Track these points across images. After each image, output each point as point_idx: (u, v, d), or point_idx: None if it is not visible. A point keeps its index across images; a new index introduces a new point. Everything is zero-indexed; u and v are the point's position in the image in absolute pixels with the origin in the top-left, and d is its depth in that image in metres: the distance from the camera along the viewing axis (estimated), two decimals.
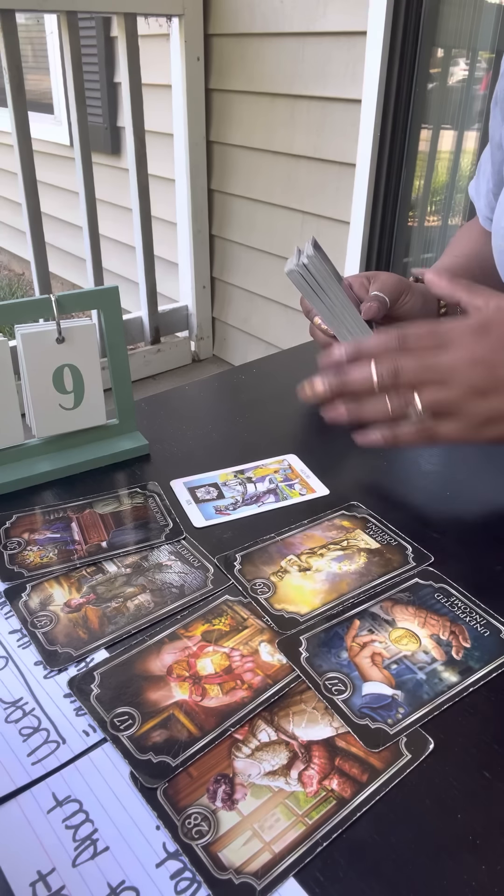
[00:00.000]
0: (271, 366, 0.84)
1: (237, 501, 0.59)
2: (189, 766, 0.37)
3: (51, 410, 0.61)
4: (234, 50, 2.28)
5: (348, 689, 0.41)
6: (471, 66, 1.88)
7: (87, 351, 0.60)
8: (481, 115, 1.89)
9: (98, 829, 0.34)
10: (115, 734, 0.39)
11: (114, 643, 0.45)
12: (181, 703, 0.41)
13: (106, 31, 2.80)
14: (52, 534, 0.54)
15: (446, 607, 0.47)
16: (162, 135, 2.52)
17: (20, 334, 0.57)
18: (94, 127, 2.52)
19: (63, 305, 0.58)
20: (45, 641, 0.45)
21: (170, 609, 0.47)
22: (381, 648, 0.44)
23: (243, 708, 0.40)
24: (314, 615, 0.47)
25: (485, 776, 0.37)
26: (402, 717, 0.40)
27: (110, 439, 0.65)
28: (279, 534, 0.55)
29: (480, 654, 0.44)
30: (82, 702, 0.41)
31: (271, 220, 2.37)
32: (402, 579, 0.50)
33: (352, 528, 0.55)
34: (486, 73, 1.85)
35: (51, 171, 3.28)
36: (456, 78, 1.91)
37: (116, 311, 0.61)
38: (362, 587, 0.49)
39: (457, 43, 1.87)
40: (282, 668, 0.43)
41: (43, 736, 0.39)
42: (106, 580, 0.50)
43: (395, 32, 1.81)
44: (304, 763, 0.37)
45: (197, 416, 0.72)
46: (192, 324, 2.74)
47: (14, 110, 2.03)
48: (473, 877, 0.32)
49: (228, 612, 0.47)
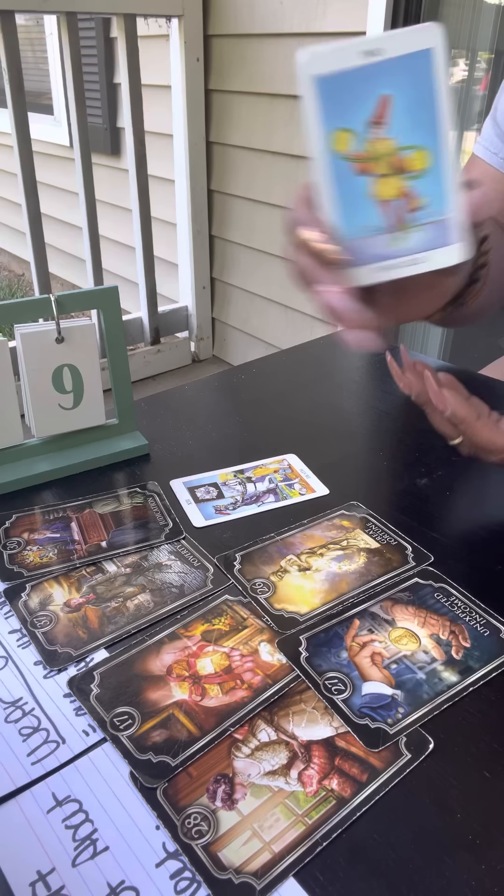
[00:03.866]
0: (271, 366, 0.84)
1: (237, 501, 0.58)
2: (189, 765, 0.37)
3: (50, 410, 0.61)
4: (233, 50, 2.28)
5: (348, 688, 0.41)
6: (470, 67, 1.88)
7: (86, 351, 0.60)
8: (481, 115, 1.89)
9: (98, 829, 0.34)
10: (115, 734, 0.39)
11: (113, 643, 0.45)
12: (181, 703, 0.40)
13: (106, 31, 2.80)
14: (52, 534, 0.54)
15: (446, 607, 0.47)
16: (162, 135, 2.52)
17: (20, 334, 0.57)
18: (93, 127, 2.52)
19: (63, 305, 0.58)
20: (45, 641, 0.45)
21: (170, 609, 0.47)
22: (380, 648, 0.44)
23: (243, 708, 0.40)
24: (314, 615, 0.47)
25: (485, 776, 0.37)
26: (401, 716, 0.40)
27: (110, 439, 0.65)
28: (279, 533, 0.55)
29: (480, 654, 0.44)
30: (82, 702, 0.41)
31: (271, 220, 2.37)
32: (401, 579, 0.50)
33: (352, 527, 0.55)
34: (485, 73, 1.85)
35: (51, 171, 3.28)
36: (455, 78, 1.91)
37: (116, 311, 0.61)
38: (362, 587, 0.49)
39: (456, 43, 1.87)
40: (282, 667, 0.43)
41: (43, 736, 0.39)
42: (106, 580, 0.50)
43: None
44: (303, 763, 0.37)
45: (197, 416, 0.72)
46: (191, 324, 2.74)
47: (14, 111, 2.03)
48: (473, 877, 0.32)
49: (228, 612, 0.47)
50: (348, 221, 0.39)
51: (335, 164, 0.38)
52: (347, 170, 0.38)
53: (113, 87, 2.87)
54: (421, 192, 0.39)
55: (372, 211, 0.39)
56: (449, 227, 0.40)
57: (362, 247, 0.40)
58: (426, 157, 0.38)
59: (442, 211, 0.39)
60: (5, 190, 3.99)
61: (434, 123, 0.37)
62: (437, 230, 0.40)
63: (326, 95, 0.37)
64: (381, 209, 0.39)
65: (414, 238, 0.40)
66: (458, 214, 0.39)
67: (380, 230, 0.40)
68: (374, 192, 0.39)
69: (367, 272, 0.41)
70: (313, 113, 0.37)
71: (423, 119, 0.37)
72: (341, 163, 0.38)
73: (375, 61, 0.36)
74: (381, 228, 0.39)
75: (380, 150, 0.38)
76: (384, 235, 0.40)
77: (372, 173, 0.38)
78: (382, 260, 0.40)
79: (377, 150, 0.38)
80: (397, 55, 0.36)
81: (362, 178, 0.38)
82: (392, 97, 0.37)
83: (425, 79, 0.36)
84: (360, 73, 0.36)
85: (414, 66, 0.36)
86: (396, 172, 0.38)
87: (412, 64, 0.36)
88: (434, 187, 0.39)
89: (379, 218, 0.39)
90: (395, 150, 0.38)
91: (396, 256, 0.40)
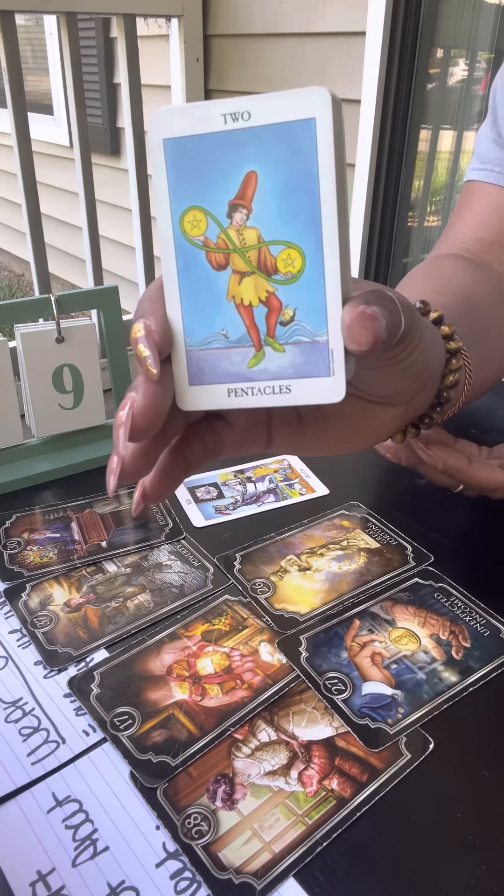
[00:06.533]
0: None
1: (237, 501, 0.59)
2: (189, 765, 0.37)
3: (50, 410, 0.61)
4: (233, 51, 2.28)
5: (348, 688, 0.41)
6: (470, 67, 1.88)
7: (86, 351, 0.60)
8: (481, 115, 1.89)
9: (98, 829, 0.34)
10: (115, 734, 0.39)
11: (114, 643, 0.45)
12: (181, 703, 0.40)
13: (105, 32, 2.80)
14: (52, 533, 0.54)
15: (446, 607, 0.47)
16: None
17: (20, 334, 0.57)
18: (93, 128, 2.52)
19: (63, 305, 0.58)
20: (45, 641, 0.45)
21: (170, 609, 0.47)
22: (380, 648, 0.44)
23: (243, 708, 0.40)
24: (314, 615, 0.47)
25: (485, 776, 0.37)
26: (401, 716, 0.40)
27: (110, 439, 0.65)
28: (279, 533, 0.55)
29: (480, 654, 0.44)
30: (82, 702, 0.41)
31: None
32: (401, 579, 0.50)
33: (352, 527, 0.55)
34: (485, 73, 1.85)
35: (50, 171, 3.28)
36: (455, 78, 1.91)
37: (116, 311, 0.61)
38: (362, 587, 0.49)
39: (456, 43, 1.87)
40: (282, 667, 0.43)
41: (43, 736, 0.39)
42: (106, 580, 0.50)
43: (395, 33, 1.81)
44: (303, 763, 0.37)
45: None
46: None
47: (14, 111, 2.02)
48: (473, 877, 0.32)
49: (228, 612, 0.47)
50: (199, 325, 0.30)
51: (184, 251, 0.29)
52: (200, 260, 0.29)
53: (113, 87, 2.87)
54: (289, 302, 0.29)
55: (229, 316, 0.30)
56: (322, 353, 0.29)
57: (212, 360, 0.30)
58: (299, 258, 0.29)
59: (315, 330, 0.29)
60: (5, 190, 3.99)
61: (312, 216, 0.28)
62: (306, 354, 0.29)
63: (180, 164, 0.28)
64: (239, 315, 0.30)
65: (277, 359, 0.30)
66: (336, 340, 0.29)
67: (237, 342, 0.30)
68: (232, 292, 0.29)
69: (215, 393, 0.31)
70: (163, 185, 0.29)
71: (297, 209, 0.28)
72: (192, 250, 0.29)
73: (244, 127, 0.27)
74: (238, 340, 0.30)
75: (243, 240, 0.29)
76: (242, 349, 0.30)
77: (230, 268, 0.29)
78: (235, 381, 0.30)
79: (238, 239, 0.29)
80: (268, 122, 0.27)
81: (218, 272, 0.29)
82: (259, 175, 0.28)
83: (304, 157, 0.27)
84: (224, 140, 0.28)
85: (292, 140, 0.27)
86: (262, 272, 0.29)
87: (290, 136, 0.27)
88: (307, 298, 0.29)
89: (237, 326, 0.30)
90: (260, 243, 0.29)
91: (255, 379, 0.30)
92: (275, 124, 0.27)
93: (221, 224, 0.29)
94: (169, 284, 0.30)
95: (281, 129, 0.27)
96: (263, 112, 0.27)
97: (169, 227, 0.29)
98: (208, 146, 0.28)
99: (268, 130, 0.27)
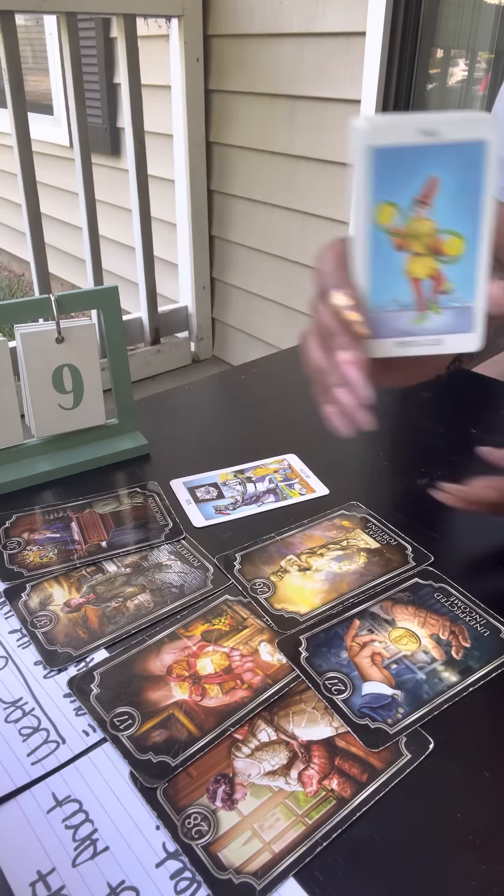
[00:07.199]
0: (271, 366, 0.84)
1: (237, 501, 0.59)
2: (189, 765, 0.37)
3: (50, 410, 0.61)
4: (233, 51, 2.28)
5: (348, 688, 0.41)
6: (470, 67, 1.88)
7: (86, 351, 0.60)
8: None
9: (98, 829, 0.34)
10: (115, 734, 0.39)
11: (114, 643, 0.45)
12: (181, 703, 0.40)
13: (105, 32, 2.80)
14: (52, 533, 0.54)
15: (446, 607, 0.47)
16: (161, 136, 2.52)
17: (20, 334, 0.57)
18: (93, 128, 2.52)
19: (63, 305, 0.58)
20: (45, 641, 0.45)
21: (170, 609, 0.47)
22: (380, 648, 0.44)
23: (243, 708, 0.40)
24: (314, 615, 0.47)
25: (485, 776, 0.37)
26: (401, 716, 0.40)
27: (110, 439, 0.65)
28: (279, 533, 0.55)
29: (480, 654, 0.44)
30: (82, 702, 0.41)
31: (271, 220, 2.36)
32: (401, 579, 0.50)
33: (352, 527, 0.55)
34: (485, 73, 1.85)
35: (50, 171, 3.28)
36: (455, 78, 1.91)
37: (116, 311, 0.60)
38: (362, 587, 0.49)
39: (456, 43, 1.87)
40: (282, 667, 0.43)
41: (43, 736, 0.39)
42: (106, 580, 0.50)
43: (395, 33, 1.81)
44: (303, 763, 0.37)
45: (197, 416, 0.72)
46: (191, 324, 2.74)
47: (14, 111, 2.02)
48: (473, 877, 0.32)
49: (228, 612, 0.47)
50: (378, 293, 0.40)
51: (375, 236, 0.38)
52: (386, 243, 0.39)
53: (113, 87, 2.87)
54: (450, 277, 0.39)
55: (402, 287, 0.39)
56: (469, 315, 0.40)
57: (386, 320, 0.40)
58: (461, 245, 0.38)
59: (466, 298, 0.40)
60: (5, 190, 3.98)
61: (475, 213, 0.38)
62: (457, 316, 0.40)
63: (379, 167, 0.37)
64: (411, 286, 0.40)
65: (435, 319, 0.40)
66: (480, 305, 0.40)
67: (406, 306, 0.40)
68: (407, 268, 0.39)
69: (386, 345, 0.41)
70: (363, 182, 0.37)
71: (466, 207, 0.38)
72: (381, 235, 0.38)
73: (431, 142, 0.36)
74: (407, 305, 0.40)
75: (420, 229, 0.38)
76: (409, 312, 0.40)
77: (409, 250, 0.39)
78: (403, 336, 0.41)
79: (417, 228, 0.38)
80: (453, 141, 0.36)
81: (399, 253, 0.39)
82: (440, 180, 0.37)
83: (475, 169, 0.37)
84: (414, 151, 0.36)
85: (467, 155, 0.36)
86: (431, 253, 0.39)
87: (466, 152, 0.36)
88: (463, 274, 0.39)
89: (407, 294, 0.40)
90: (434, 231, 0.38)
91: (416, 335, 0.41)
92: (456, 142, 0.36)
93: (407, 216, 0.38)
94: (360, 260, 0.39)
95: (460, 146, 0.36)
96: (448, 131, 0.36)
97: (364, 216, 0.38)
98: (405, 155, 0.36)
99: (450, 146, 0.36)
